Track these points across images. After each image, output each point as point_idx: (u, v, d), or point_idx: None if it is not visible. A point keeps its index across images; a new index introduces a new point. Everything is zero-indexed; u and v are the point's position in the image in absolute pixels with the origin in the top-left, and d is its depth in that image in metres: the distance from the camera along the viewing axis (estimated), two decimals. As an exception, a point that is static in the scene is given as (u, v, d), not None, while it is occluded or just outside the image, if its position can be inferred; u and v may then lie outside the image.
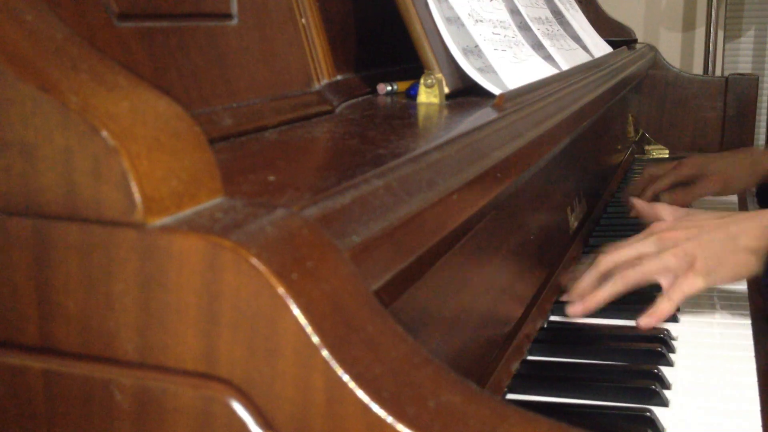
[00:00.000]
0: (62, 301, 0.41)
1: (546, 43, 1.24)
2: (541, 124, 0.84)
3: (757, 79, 2.20)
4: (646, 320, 0.95)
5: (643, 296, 0.97)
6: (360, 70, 0.96)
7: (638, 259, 0.97)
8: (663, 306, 0.95)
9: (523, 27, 1.19)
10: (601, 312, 0.97)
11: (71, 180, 0.40)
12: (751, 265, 0.96)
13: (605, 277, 0.98)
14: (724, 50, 3.23)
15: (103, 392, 0.40)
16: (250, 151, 0.63)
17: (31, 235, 0.41)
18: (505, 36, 1.07)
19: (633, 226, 1.41)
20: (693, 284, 0.94)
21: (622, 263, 0.98)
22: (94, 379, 0.41)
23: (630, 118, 2.09)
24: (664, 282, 0.96)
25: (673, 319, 0.99)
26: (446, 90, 0.91)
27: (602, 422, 0.74)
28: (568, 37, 1.43)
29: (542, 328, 0.96)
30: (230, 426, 0.38)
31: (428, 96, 0.90)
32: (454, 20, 0.97)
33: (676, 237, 0.97)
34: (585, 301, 0.97)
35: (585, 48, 1.49)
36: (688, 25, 3.25)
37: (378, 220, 0.48)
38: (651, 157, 2.12)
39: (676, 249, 0.96)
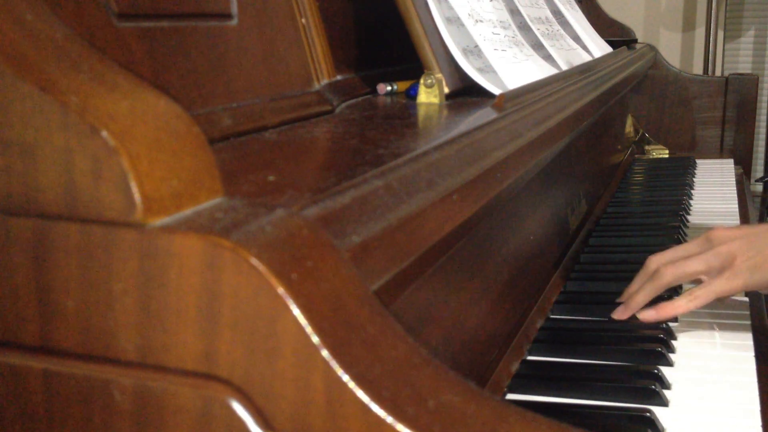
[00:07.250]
0: (62, 301, 0.41)
1: (546, 43, 1.24)
2: (541, 124, 0.84)
3: (757, 79, 2.20)
4: (648, 313, 0.92)
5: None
6: (360, 70, 0.96)
7: (684, 259, 0.93)
8: (678, 303, 0.90)
9: (523, 27, 1.19)
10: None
11: (71, 180, 0.40)
12: None
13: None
14: (724, 50, 3.23)
15: (103, 392, 0.40)
16: (250, 151, 0.63)
17: (31, 235, 0.41)
18: (505, 36, 1.07)
19: (633, 227, 1.41)
20: (727, 284, 0.89)
21: (667, 262, 0.94)
22: (94, 379, 0.41)
23: (630, 118, 2.08)
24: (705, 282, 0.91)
25: (673, 318, 0.98)
26: (446, 90, 0.91)
27: (602, 422, 0.74)
28: (568, 37, 1.43)
29: (542, 328, 0.96)
30: (230, 426, 0.38)
31: (428, 96, 0.90)
32: (454, 20, 0.97)
33: (724, 236, 0.91)
34: (627, 303, 0.95)
35: (585, 48, 1.49)
36: (688, 25, 3.25)
37: (378, 220, 0.48)
38: (651, 157, 2.12)
39: (720, 248, 0.90)
